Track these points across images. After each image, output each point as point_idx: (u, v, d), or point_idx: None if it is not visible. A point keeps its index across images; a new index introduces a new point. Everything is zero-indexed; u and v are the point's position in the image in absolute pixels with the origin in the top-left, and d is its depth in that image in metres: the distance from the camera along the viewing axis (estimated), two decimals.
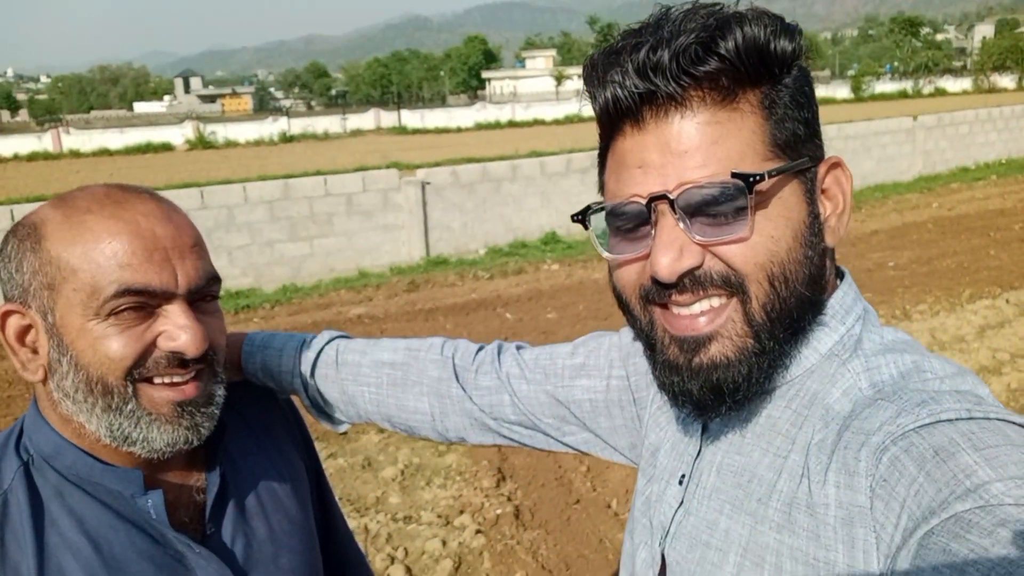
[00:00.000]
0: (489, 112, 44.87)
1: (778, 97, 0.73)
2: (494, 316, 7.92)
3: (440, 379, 1.17)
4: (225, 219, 9.03)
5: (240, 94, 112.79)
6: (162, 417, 0.93)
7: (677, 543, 0.84)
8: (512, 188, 10.82)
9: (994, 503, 0.56)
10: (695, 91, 0.71)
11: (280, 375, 1.20)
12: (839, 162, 0.78)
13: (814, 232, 0.75)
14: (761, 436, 0.78)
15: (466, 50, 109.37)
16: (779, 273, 0.72)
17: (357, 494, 4.51)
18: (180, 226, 0.95)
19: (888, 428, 0.66)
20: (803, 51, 0.74)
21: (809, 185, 0.75)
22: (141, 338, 0.90)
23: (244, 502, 1.06)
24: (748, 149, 0.72)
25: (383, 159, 22.14)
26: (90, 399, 0.90)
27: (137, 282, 0.89)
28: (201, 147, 35.58)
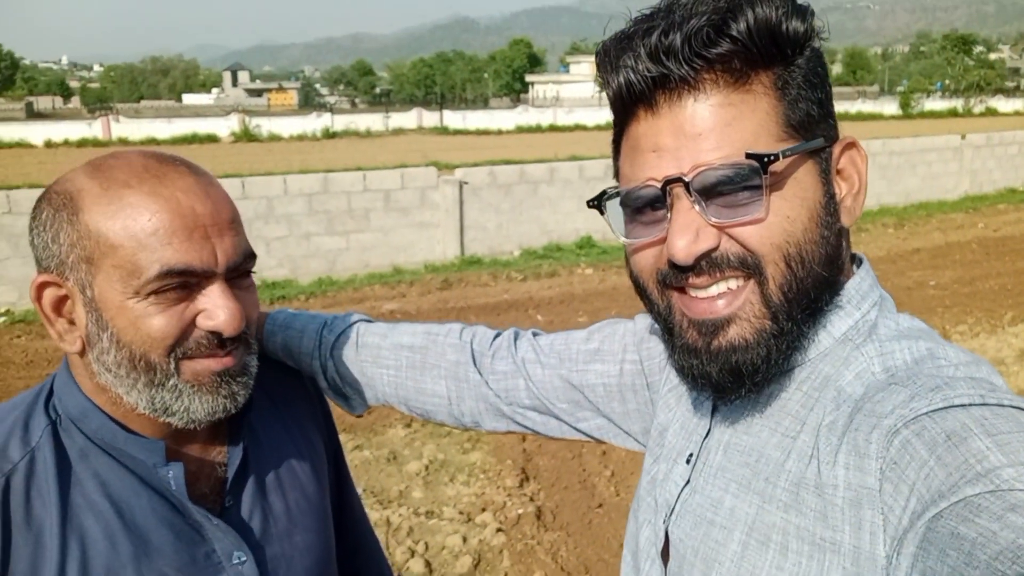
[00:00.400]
0: (531, 115, 44.89)
1: (791, 78, 0.73)
2: (526, 317, 7.92)
3: (458, 363, 1.17)
4: (264, 210, 9.15)
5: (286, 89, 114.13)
6: (203, 387, 0.94)
7: (682, 521, 0.84)
8: (549, 191, 10.82)
9: (1004, 488, 0.56)
10: (708, 73, 0.71)
11: (300, 355, 1.21)
12: (854, 142, 0.78)
13: (830, 212, 0.75)
14: (771, 417, 0.79)
15: (511, 53, 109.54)
16: (795, 253, 0.73)
17: (381, 487, 4.54)
18: (218, 202, 0.94)
19: (901, 411, 0.66)
20: (815, 32, 0.74)
21: (824, 165, 0.76)
22: (182, 317, 0.91)
23: (263, 477, 1.07)
24: (762, 130, 0.72)
25: (423, 158, 22.26)
26: (132, 375, 0.91)
27: (180, 262, 0.89)
28: (245, 139, 36.13)
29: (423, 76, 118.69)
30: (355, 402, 1.26)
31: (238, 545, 0.99)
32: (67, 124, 37.47)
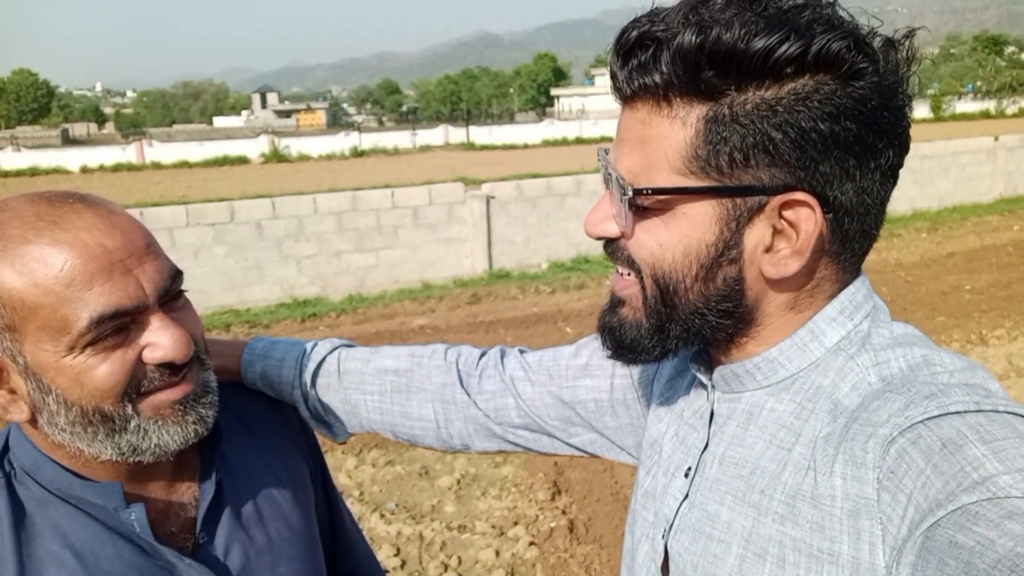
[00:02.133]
0: (556, 129, 44.97)
1: (727, 115, 0.68)
2: (555, 330, 7.92)
3: (444, 384, 1.15)
4: (295, 229, 9.26)
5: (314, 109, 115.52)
6: (168, 419, 0.90)
7: (680, 535, 0.84)
8: (576, 203, 10.82)
9: (1001, 495, 0.55)
10: (641, 94, 0.72)
11: (280, 385, 1.18)
12: (806, 201, 0.69)
13: (719, 258, 0.73)
14: (764, 428, 0.78)
15: (536, 67, 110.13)
16: (662, 278, 0.76)
17: (414, 502, 4.56)
18: (127, 231, 0.87)
19: (896, 420, 0.65)
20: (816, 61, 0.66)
21: (738, 212, 0.71)
22: (125, 359, 0.86)
23: (241, 509, 1.02)
24: (664, 160, 0.72)
25: (450, 174, 22.39)
26: (90, 429, 0.86)
27: (108, 306, 0.83)
28: (275, 160, 36.56)
29: (449, 93, 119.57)
30: (338, 429, 1.22)
31: None
32: (102, 149, 38.22)
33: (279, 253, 9.24)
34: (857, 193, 0.71)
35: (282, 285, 9.28)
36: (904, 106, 0.71)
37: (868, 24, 0.70)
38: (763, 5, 0.68)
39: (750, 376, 0.81)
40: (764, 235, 0.72)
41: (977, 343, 6.95)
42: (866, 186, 0.71)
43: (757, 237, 0.72)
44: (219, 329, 8.32)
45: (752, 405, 0.81)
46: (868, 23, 0.70)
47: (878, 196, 0.73)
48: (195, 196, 19.05)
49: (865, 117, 0.68)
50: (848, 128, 0.68)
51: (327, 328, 8.33)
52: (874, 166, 0.71)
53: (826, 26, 0.67)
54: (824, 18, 0.68)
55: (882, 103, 0.68)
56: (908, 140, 0.73)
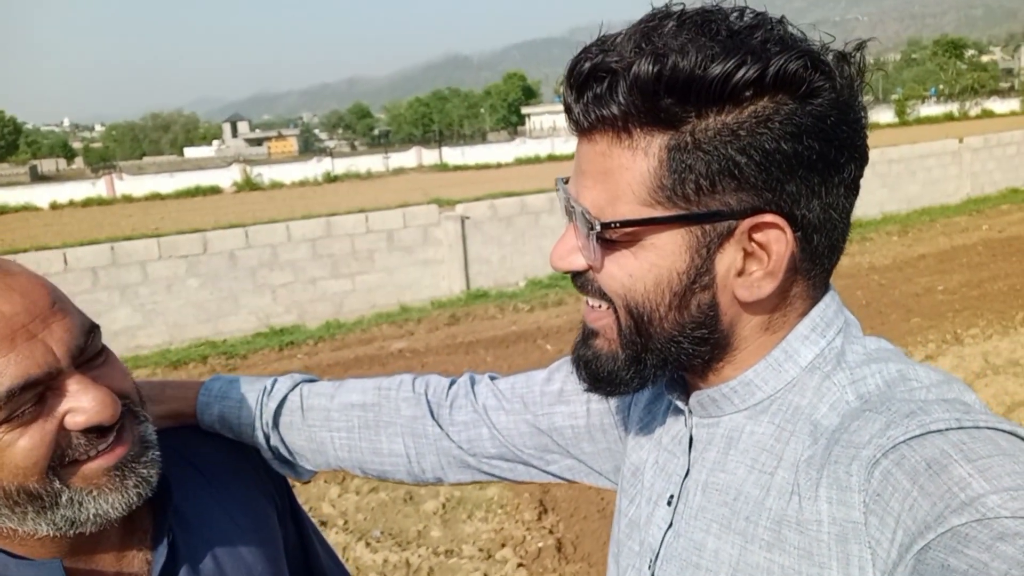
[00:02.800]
0: (529, 147, 45.21)
1: (689, 143, 0.68)
2: (535, 348, 7.91)
3: (415, 417, 1.12)
4: (269, 258, 9.20)
5: (286, 136, 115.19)
6: (104, 488, 0.82)
7: (667, 565, 0.82)
8: (551, 220, 10.85)
9: (991, 516, 0.55)
10: (598, 126, 0.71)
11: (240, 427, 1.12)
12: (775, 223, 0.69)
13: (692, 285, 0.72)
14: (745, 453, 0.77)
15: (506, 87, 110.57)
16: (635, 308, 0.74)
17: (399, 528, 4.51)
18: (26, 291, 0.79)
19: (878, 441, 0.65)
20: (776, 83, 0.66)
21: (707, 238, 0.70)
22: (45, 430, 0.78)
23: (199, 568, 0.94)
24: (628, 191, 0.70)
25: (424, 195, 22.39)
26: (18, 509, 0.79)
27: (17, 378, 0.75)
28: (248, 189, 36.45)
29: (420, 115, 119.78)
30: (302, 469, 1.18)
31: None
32: (71, 185, 37.86)
33: (254, 283, 9.17)
34: (823, 209, 0.71)
35: (258, 315, 9.21)
36: (861, 119, 0.72)
37: (820, 40, 0.70)
38: (715, 29, 0.67)
39: (727, 400, 0.79)
40: (735, 259, 0.72)
41: (952, 343, 7.03)
42: (832, 201, 0.71)
43: (728, 261, 0.72)
44: (196, 362, 8.23)
45: (731, 429, 0.80)
46: (820, 39, 0.71)
47: (843, 210, 0.73)
48: (168, 228, 18.91)
49: (825, 134, 0.68)
50: (810, 146, 0.68)
51: (305, 356, 8.27)
52: (837, 181, 0.71)
53: (781, 46, 0.67)
54: (777, 38, 0.68)
55: (840, 118, 0.69)
56: (867, 152, 0.73)
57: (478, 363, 7.52)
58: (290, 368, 7.73)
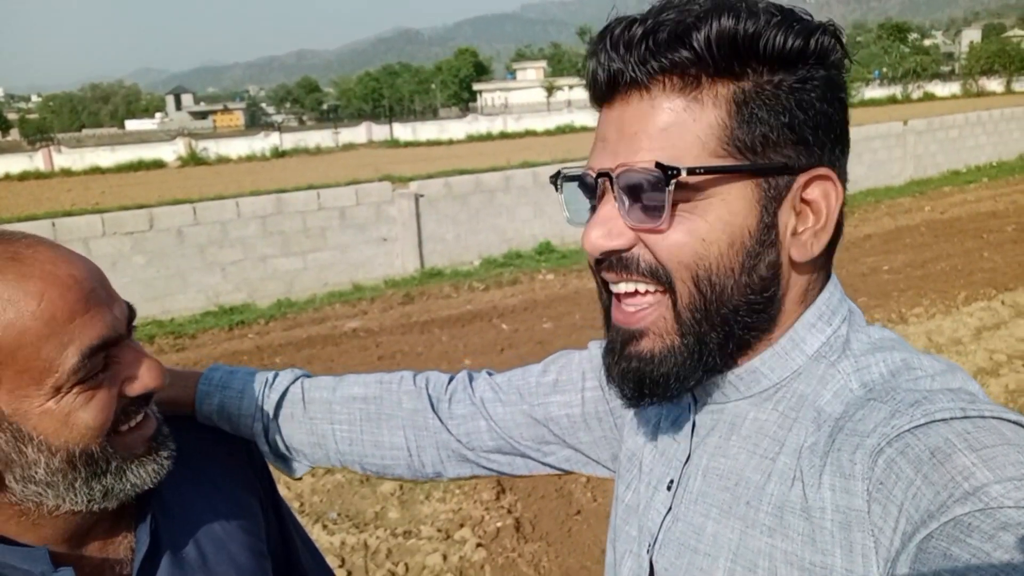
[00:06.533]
0: (481, 124, 44.93)
1: (753, 95, 0.69)
2: (490, 327, 7.90)
3: (416, 411, 1.11)
4: (219, 235, 9.00)
5: (232, 110, 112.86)
6: (140, 458, 0.86)
7: (665, 550, 0.82)
8: (505, 199, 10.82)
9: (994, 506, 0.55)
10: (659, 76, 0.70)
11: (240, 418, 1.11)
12: (829, 176, 0.72)
13: (762, 242, 0.71)
14: (747, 439, 0.77)
15: (457, 63, 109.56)
16: (705, 277, 0.71)
17: (356, 510, 4.47)
18: (84, 260, 0.83)
19: (882, 430, 0.65)
20: (814, 52, 0.70)
21: (772, 192, 0.71)
22: (110, 394, 0.81)
23: (182, 557, 0.95)
24: (697, 143, 0.69)
25: (375, 172, 22.13)
26: (71, 474, 0.81)
27: (96, 338, 0.78)
28: (193, 163, 35.58)
29: (370, 90, 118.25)
30: (297, 464, 1.17)
31: None
32: (7, 158, 36.43)
33: (202, 260, 8.97)
34: (844, 170, 0.76)
35: (207, 293, 9.01)
36: None
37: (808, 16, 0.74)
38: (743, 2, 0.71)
39: (732, 387, 0.79)
40: (790, 217, 0.73)
41: (898, 321, 7.21)
42: (845, 167, 0.76)
43: (785, 219, 0.72)
44: (143, 341, 8.01)
45: (735, 416, 0.79)
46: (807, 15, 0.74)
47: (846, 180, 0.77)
48: (110, 204, 18.37)
49: (842, 103, 0.74)
50: (839, 111, 0.73)
51: (256, 335, 8.13)
52: (848, 142, 0.76)
53: (815, 25, 0.72)
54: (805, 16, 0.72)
55: (845, 91, 0.75)
56: None
57: (433, 342, 7.49)
58: (241, 348, 7.60)
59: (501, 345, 7.26)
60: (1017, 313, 7.16)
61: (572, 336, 7.35)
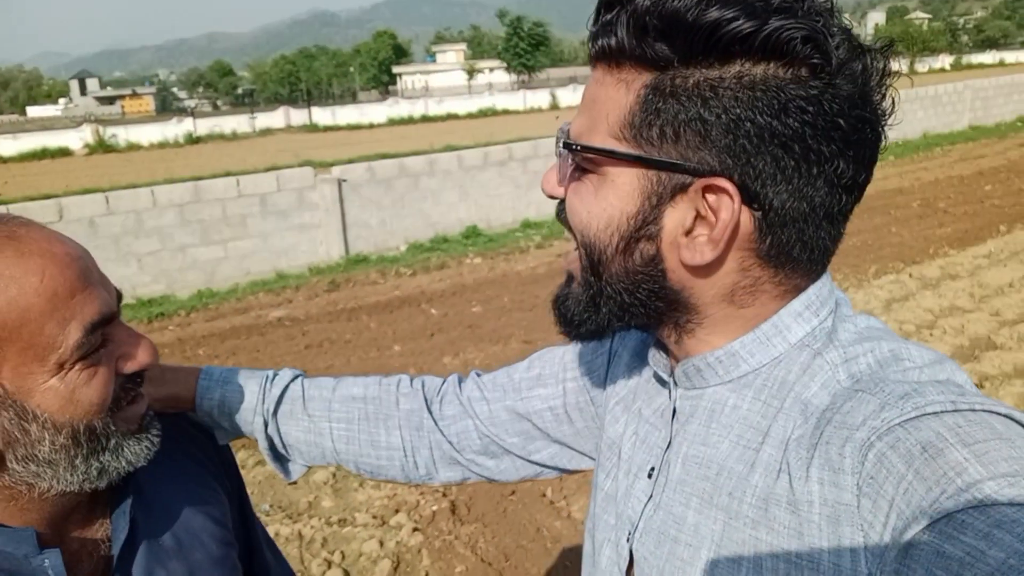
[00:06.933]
0: (402, 107, 44.40)
1: (667, 87, 0.67)
2: (419, 312, 7.86)
3: (412, 411, 1.13)
4: (133, 225, 8.70)
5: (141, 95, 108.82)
6: (134, 434, 0.88)
7: (646, 538, 0.81)
8: (430, 183, 10.75)
9: (988, 503, 0.54)
10: (600, 54, 0.72)
11: (241, 413, 1.12)
12: (724, 188, 0.67)
13: (638, 233, 0.72)
14: (729, 428, 0.76)
15: (375, 45, 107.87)
16: (587, 244, 0.75)
17: (288, 500, 4.42)
18: (74, 241, 0.84)
19: (872, 423, 0.63)
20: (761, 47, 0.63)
21: (659, 188, 0.70)
22: (109, 369, 0.83)
23: (158, 542, 0.97)
24: (605, 122, 0.71)
25: (295, 158, 21.69)
26: (73, 451, 0.82)
27: (96, 314, 0.80)
28: (102, 151, 34.15)
29: (286, 73, 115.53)
30: (293, 465, 1.18)
31: None
32: None
33: (117, 251, 8.65)
34: (794, 198, 0.67)
35: (123, 285, 8.55)
36: (869, 119, 0.67)
37: (846, 25, 0.67)
38: None
39: (711, 370, 0.78)
40: (686, 217, 0.70)
41: None
42: (806, 193, 0.67)
43: (679, 218, 0.70)
44: None
45: (714, 402, 0.78)
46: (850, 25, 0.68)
47: (821, 206, 0.69)
48: (14, 194, 17.51)
49: (812, 119, 0.65)
50: (790, 126, 0.65)
51: (177, 327, 7.91)
52: (816, 172, 0.67)
53: (788, 14, 0.63)
54: (805, 9, 0.65)
55: (839, 109, 0.65)
56: (869, 156, 0.69)
57: (361, 329, 7.42)
58: (162, 340, 7.38)
59: (431, 330, 7.25)
60: (923, 285, 7.51)
61: (502, 319, 7.39)
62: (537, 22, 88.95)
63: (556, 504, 4.22)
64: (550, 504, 4.23)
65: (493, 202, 11.31)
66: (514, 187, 11.48)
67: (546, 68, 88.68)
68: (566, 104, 44.53)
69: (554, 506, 4.21)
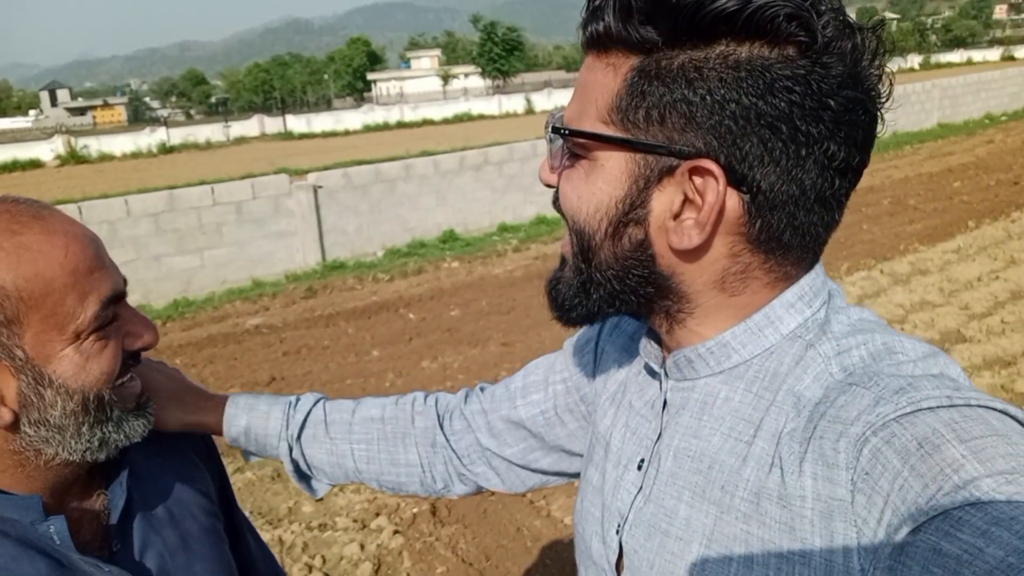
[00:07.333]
0: (377, 114, 44.28)
1: (652, 69, 0.67)
2: (397, 317, 7.87)
3: (426, 428, 1.17)
4: (107, 235, 8.63)
5: (112, 105, 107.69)
6: (133, 411, 0.95)
7: (636, 531, 0.80)
8: (407, 188, 10.76)
9: (985, 500, 0.53)
10: (590, 40, 0.73)
11: (266, 437, 1.18)
12: (710, 170, 0.66)
13: (626, 217, 0.72)
14: (721, 420, 0.75)
15: (349, 52, 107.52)
16: (578, 230, 0.75)
17: (269, 506, 4.41)
18: (86, 227, 0.92)
19: (867, 418, 0.62)
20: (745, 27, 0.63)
21: (647, 171, 0.69)
22: (119, 345, 0.90)
23: (152, 513, 1.03)
24: (594, 107, 0.72)
25: (271, 165, 21.58)
26: (81, 417, 0.88)
27: (110, 289, 0.87)
28: (74, 162, 33.76)
29: (260, 82, 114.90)
30: (318, 484, 1.23)
31: None
32: None
33: None
34: (784, 181, 0.66)
35: None
36: (861, 100, 0.66)
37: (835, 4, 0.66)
38: None
39: (703, 361, 0.77)
40: (674, 200, 0.69)
41: None
42: (796, 175, 0.66)
43: (667, 201, 0.70)
44: None
45: (706, 394, 0.77)
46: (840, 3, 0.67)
47: (812, 189, 0.67)
48: None
49: (800, 99, 0.63)
50: (776, 107, 0.64)
51: None
52: (805, 154, 0.65)
53: None
54: None
55: (828, 89, 0.64)
56: (862, 138, 0.68)
57: (339, 335, 7.41)
58: None
59: (409, 334, 7.25)
60: (895, 281, 7.62)
61: (480, 322, 7.41)
62: (511, 27, 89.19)
63: (536, 504, 4.25)
64: (530, 504, 4.25)
65: (470, 206, 11.34)
66: (491, 191, 11.51)
67: (521, 73, 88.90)
68: (541, 108, 44.62)
69: (534, 505, 4.24)
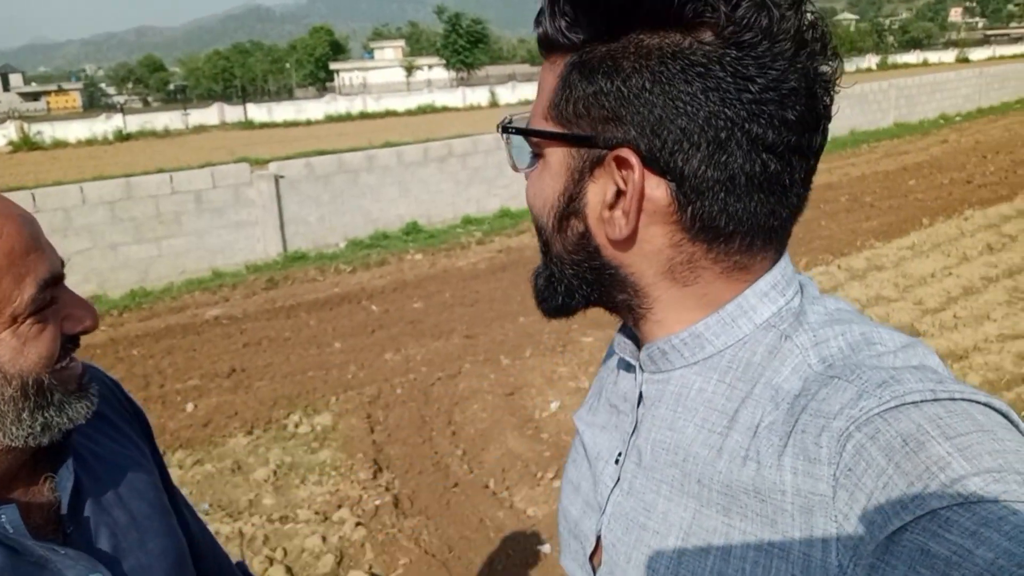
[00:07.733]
0: (340, 104, 43.83)
1: (579, 63, 0.70)
2: (359, 309, 7.82)
3: None
4: (62, 222, 8.45)
5: (67, 90, 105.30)
6: (75, 393, 0.93)
7: (614, 524, 0.80)
8: (369, 179, 10.68)
9: (973, 500, 0.52)
10: (540, 45, 0.75)
11: None
12: (626, 159, 0.67)
13: (567, 210, 0.74)
14: (695, 412, 0.74)
15: (312, 41, 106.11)
16: (537, 228, 0.79)
17: (228, 499, 4.36)
18: (22, 207, 0.91)
19: (850, 412, 0.61)
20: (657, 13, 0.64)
21: (579, 163, 0.71)
22: (57, 328, 0.89)
23: (102, 493, 1.03)
24: (539, 105, 0.75)
25: (231, 155, 21.26)
26: (21, 402, 0.87)
27: (47, 272, 0.86)
28: (26, 148, 32.92)
29: (220, 69, 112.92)
30: None
31: (92, 567, 0.94)
32: None
33: None
34: (706, 165, 0.65)
35: None
36: (787, 80, 0.64)
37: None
38: None
39: (676, 352, 0.76)
40: (607, 192, 0.70)
41: None
42: (718, 159, 0.65)
43: (600, 192, 0.71)
44: None
45: (681, 386, 0.76)
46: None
47: (741, 172, 0.66)
48: None
49: (716, 83, 0.63)
50: (688, 92, 0.64)
51: (109, 327, 7.70)
52: (725, 136, 0.64)
53: None
54: None
55: (744, 71, 0.63)
56: (796, 118, 0.66)
57: (301, 327, 7.34)
58: (94, 341, 7.18)
59: (372, 327, 7.21)
60: (851, 276, 7.76)
61: (443, 314, 7.40)
62: (475, 19, 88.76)
63: (499, 495, 4.26)
64: (492, 495, 4.26)
65: (434, 198, 11.29)
66: (454, 183, 11.48)
67: (485, 65, 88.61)
68: (505, 101, 44.55)
69: (496, 497, 4.25)
